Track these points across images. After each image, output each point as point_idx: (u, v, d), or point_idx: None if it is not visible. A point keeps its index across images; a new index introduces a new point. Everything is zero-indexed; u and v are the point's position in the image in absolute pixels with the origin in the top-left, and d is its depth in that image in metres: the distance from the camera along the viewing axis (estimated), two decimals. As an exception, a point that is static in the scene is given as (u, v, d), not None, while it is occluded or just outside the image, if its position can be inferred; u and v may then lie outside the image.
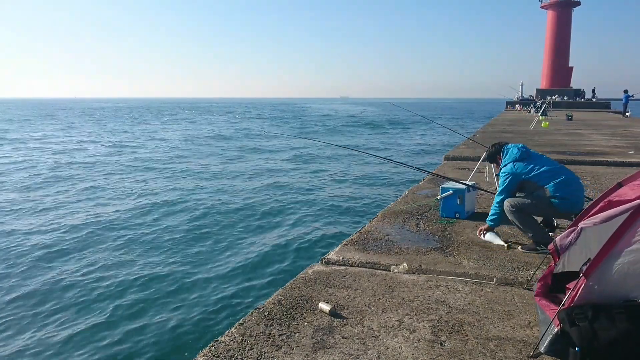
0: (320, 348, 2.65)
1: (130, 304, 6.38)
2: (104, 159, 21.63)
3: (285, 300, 3.28)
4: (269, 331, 2.85)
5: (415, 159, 22.62)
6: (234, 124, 53.04)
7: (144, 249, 8.64)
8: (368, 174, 17.23)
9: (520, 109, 43.51)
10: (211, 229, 9.94)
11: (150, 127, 47.06)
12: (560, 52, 60.83)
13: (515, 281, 3.61)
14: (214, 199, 12.79)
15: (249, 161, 21.30)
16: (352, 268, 3.94)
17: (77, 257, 8.22)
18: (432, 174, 7.52)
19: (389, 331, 2.84)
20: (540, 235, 4.24)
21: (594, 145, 13.40)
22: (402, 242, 4.59)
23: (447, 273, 3.79)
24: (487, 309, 3.13)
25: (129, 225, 10.18)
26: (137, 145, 28.29)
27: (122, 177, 16.82)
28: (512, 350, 2.60)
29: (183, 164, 20.36)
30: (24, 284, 7.03)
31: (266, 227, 10.06)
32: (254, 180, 16.19)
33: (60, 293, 6.74)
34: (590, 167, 9.55)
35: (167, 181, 15.94)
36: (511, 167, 4.34)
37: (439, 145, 28.52)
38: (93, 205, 12.21)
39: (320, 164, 20.28)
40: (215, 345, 2.70)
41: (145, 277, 7.27)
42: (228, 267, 7.65)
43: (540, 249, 4.17)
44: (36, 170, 18.29)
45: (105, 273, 7.47)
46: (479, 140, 12.81)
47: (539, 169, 4.23)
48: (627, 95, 32.55)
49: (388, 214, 5.70)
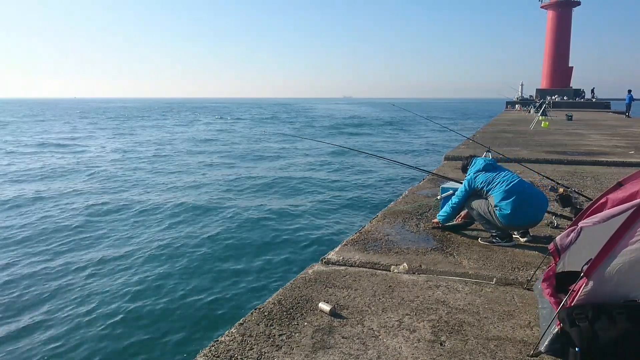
0: (320, 348, 2.64)
1: (130, 304, 6.38)
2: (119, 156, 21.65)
3: (285, 300, 3.28)
4: (269, 331, 2.84)
5: (415, 159, 22.62)
6: (234, 124, 53.05)
7: (144, 248, 8.64)
8: (368, 174, 17.23)
9: (520, 109, 43.51)
10: (211, 229, 9.93)
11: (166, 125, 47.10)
12: (560, 52, 60.81)
13: (515, 281, 3.60)
14: (213, 199, 12.79)
15: (249, 161, 21.30)
16: (352, 268, 3.94)
17: (78, 254, 8.22)
18: (432, 174, 7.51)
19: (389, 331, 2.83)
20: (497, 229, 4.44)
21: (594, 145, 13.40)
22: (402, 242, 4.59)
23: (447, 273, 3.79)
24: (487, 309, 3.12)
25: (129, 225, 10.18)
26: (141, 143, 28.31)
27: (119, 170, 16.83)
28: (512, 350, 2.60)
29: (178, 164, 20.37)
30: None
31: (266, 227, 10.05)
32: (253, 180, 16.18)
33: (58, 289, 6.74)
34: (590, 167, 9.54)
35: (166, 181, 15.94)
36: (472, 175, 4.64)
37: (439, 145, 28.52)
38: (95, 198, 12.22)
39: (320, 164, 20.28)
40: (215, 345, 2.70)
41: (144, 277, 7.27)
42: (228, 267, 7.65)
43: (495, 242, 4.44)
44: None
45: (105, 273, 7.47)
46: (479, 140, 12.81)
47: (496, 184, 4.43)
48: (630, 96, 32.44)
49: (388, 214, 5.70)
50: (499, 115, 37.87)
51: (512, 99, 56.71)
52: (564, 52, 61.01)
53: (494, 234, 4.47)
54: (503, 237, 4.44)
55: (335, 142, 25.73)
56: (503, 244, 4.41)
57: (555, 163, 10.17)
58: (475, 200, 4.55)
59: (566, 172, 8.86)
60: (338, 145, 8.47)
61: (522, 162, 8.93)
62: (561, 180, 7.50)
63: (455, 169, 9.12)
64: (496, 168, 4.66)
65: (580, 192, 6.20)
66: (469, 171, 4.75)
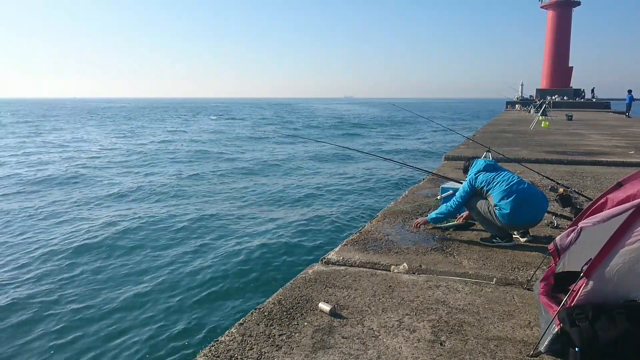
0: (320, 348, 2.65)
1: (130, 304, 6.38)
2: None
3: (285, 300, 3.28)
4: (269, 331, 2.84)
5: (415, 159, 22.62)
6: (234, 124, 53.06)
7: (144, 249, 8.64)
8: (368, 174, 17.23)
9: (520, 109, 43.51)
10: (211, 228, 9.93)
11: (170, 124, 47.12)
12: (560, 52, 60.82)
13: (515, 281, 3.60)
14: (212, 199, 12.79)
15: (249, 161, 21.30)
16: (352, 268, 3.94)
17: (79, 253, 8.22)
18: (432, 174, 7.52)
19: (389, 331, 2.83)
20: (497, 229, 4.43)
21: (594, 145, 13.40)
22: (402, 242, 4.59)
23: (447, 273, 3.79)
24: (487, 309, 3.13)
25: (128, 224, 10.18)
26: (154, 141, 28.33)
27: (119, 169, 16.83)
28: (512, 350, 2.60)
29: (178, 163, 20.38)
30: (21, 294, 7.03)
31: (266, 227, 10.05)
32: (253, 180, 16.18)
33: (61, 294, 6.74)
34: (590, 167, 9.54)
35: (165, 180, 15.94)
36: (473, 176, 4.64)
37: (439, 145, 28.52)
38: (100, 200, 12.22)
39: (320, 164, 20.29)
40: (215, 345, 2.70)
41: (144, 277, 7.28)
42: (228, 267, 7.64)
43: (495, 242, 4.43)
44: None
45: (104, 273, 7.47)
46: (478, 140, 12.81)
47: (496, 184, 4.44)
48: (630, 96, 32.42)
49: (388, 214, 5.70)
50: (499, 115, 37.88)
51: (512, 99, 56.72)
52: (564, 52, 61.02)
53: (494, 233, 4.47)
54: (503, 237, 4.44)
55: (335, 142, 25.74)
56: (503, 244, 4.41)
57: (555, 163, 10.17)
58: (475, 200, 4.55)
59: (566, 172, 8.86)
60: (338, 145, 8.47)
61: (522, 162, 8.94)
62: (561, 180, 7.50)
63: (455, 169, 9.12)
64: (497, 168, 4.67)
65: (580, 192, 6.20)
66: (470, 172, 4.76)
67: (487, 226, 4.53)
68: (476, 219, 4.64)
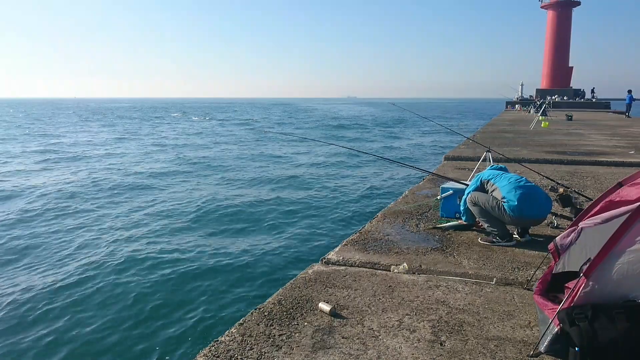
0: (321, 348, 2.65)
1: (130, 304, 6.38)
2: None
3: (285, 300, 3.28)
4: (269, 331, 2.85)
5: (415, 159, 22.62)
6: (234, 124, 53.08)
7: (143, 248, 8.64)
8: (368, 174, 17.23)
9: (520, 109, 43.51)
10: (211, 228, 9.93)
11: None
12: (560, 52, 60.82)
13: (515, 281, 3.61)
14: (212, 199, 12.79)
15: (249, 161, 21.30)
16: (352, 268, 3.94)
17: (78, 249, 8.23)
18: (432, 174, 7.52)
19: (389, 331, 2.84)
20: (498, 228, 4.45)
21: (594, 145, 13.40)
22: (402, 242, 4.59)
23: (447, 273, 3.79)
24: (487, 309, 3.13)
25: (127, 224, 10.18)
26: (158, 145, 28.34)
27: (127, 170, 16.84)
28: (512, 350, 2.60)
29: (177, 163, 20.38)
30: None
31: (266, 227, 10.05)
32: (252, 180, 16.18)
33: (59, 288, 6.74)
34: (590, 167, 9.54)
35: (163, 179, 15.94)
36: (481, 173, 4.84)
37: (439, 145, 28.52)
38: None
39: (320, 164, 20.28)
40: (215, 345, 2.70)
41: (144, 276, 7.27)
42: (228, 267, 7.64)
43: (495, 242, 4.43)
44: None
45: (104, 273, 7.46)
46: (478, 140, 12.81)
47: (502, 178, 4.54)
48: (630, 96, 32.43)
49: (388, 214, 5.70)
50: (499, 115, 37.90)
51: (512, 99, 56.73)
52: (564, 52, 61.02)
53: (496, 232, 4.48)
54: (503, 237, 4.44)
55: (336, 142, 25.74)
56: (503, 244, 4.42)
57: (555, 163, 10.18)
58: (479, 196, 4.57)
59: (566, 172, 8.86)
60: (338, 145, 8.47)
61: (522, 162, 8.94)
62: (561, 180, 7.51)
63: (455, 169, 9.12)
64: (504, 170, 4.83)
65: (580, 192, 6.21)
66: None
67: (490, 223, 4.50)
68: (479, 216, 4.61)
